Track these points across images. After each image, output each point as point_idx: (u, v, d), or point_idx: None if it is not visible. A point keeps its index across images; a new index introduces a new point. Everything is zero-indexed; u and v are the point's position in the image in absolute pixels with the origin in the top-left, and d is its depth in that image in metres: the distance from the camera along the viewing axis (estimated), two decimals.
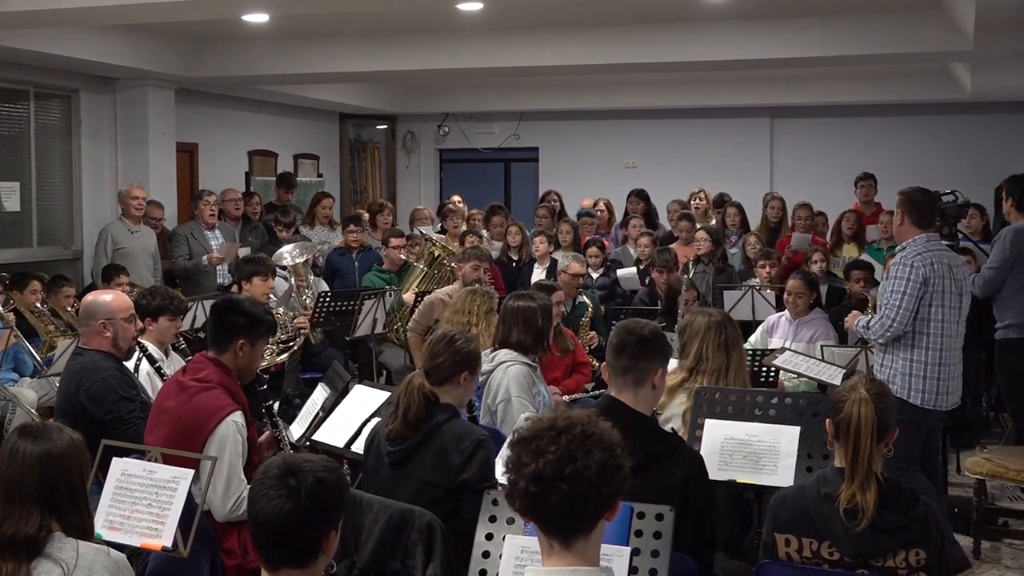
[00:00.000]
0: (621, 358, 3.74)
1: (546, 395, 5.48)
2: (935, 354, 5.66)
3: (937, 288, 5.64)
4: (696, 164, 14.28)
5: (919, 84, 12.85)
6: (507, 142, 15.68)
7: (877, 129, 14.03)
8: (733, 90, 13.64)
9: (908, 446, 5.70)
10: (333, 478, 2.58)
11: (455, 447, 4.01)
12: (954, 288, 5.70)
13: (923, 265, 5.63)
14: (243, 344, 4.47)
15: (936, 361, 5.67)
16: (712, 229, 9.85)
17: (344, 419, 5.05)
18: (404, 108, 15.26)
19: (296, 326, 7.50)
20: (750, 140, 14.47)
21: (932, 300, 5.64)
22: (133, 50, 9.92)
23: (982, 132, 13.63)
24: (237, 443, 4.27)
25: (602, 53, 9.97)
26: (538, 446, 2.40)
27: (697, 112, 14.47)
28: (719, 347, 5.01)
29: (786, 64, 10.58)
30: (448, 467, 4.00)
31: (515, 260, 10.05)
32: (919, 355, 5.67)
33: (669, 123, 14.74)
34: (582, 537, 2.39)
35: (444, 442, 4.04)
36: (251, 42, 10.55)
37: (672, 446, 3.69)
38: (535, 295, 5.72)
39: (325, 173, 14.83)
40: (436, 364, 4.18)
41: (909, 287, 5.61)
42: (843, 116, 14.12)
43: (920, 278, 5.61)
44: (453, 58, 10.34)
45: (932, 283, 5.62)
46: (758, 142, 14.50)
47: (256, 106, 13.17)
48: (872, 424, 3.37)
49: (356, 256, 10.04)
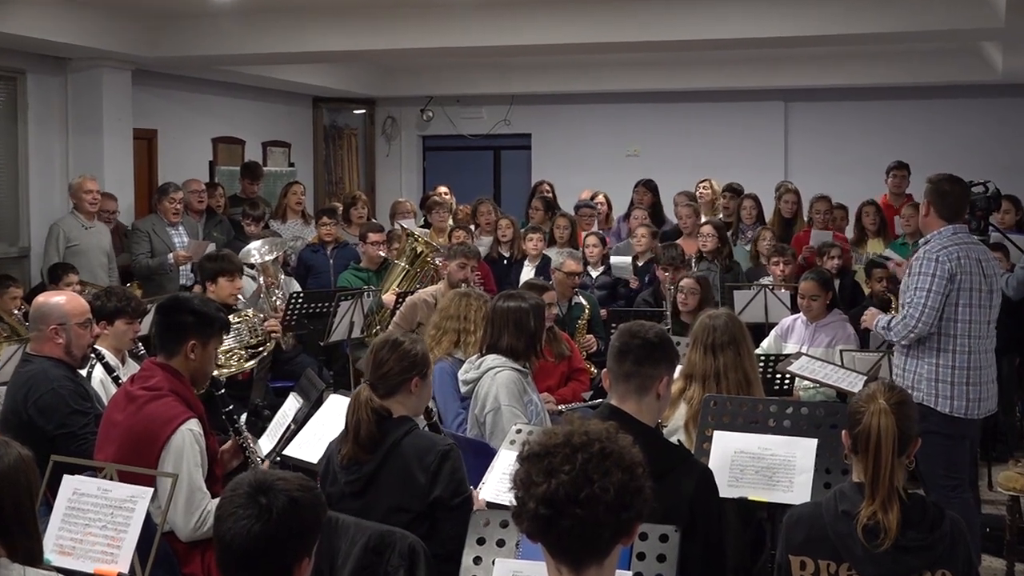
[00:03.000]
0: (623, 363, 3.73)
1: (539, 404, 5.49)
2: (963, 357, 5.67)
3: (965, 285, 5.64)
4: (704, 152, 14.30)
5: (947, 65, 12.88)
6: (497, 128, 15.68)
7: (901, 114, 14.07)
8: (744, 71, 13.66)
9: (952, 461, 5.69)
10: (308, 498, 2.58)
11: (418, 464, 3.99)
12: (983, 285, 5.70)
13: (949, 259, 5.62)
14: (194, 345, 4.45)
15: (965, 365, 5.67)
16: (719, 223, 9.82)
17: (318, 432, 5.03)
18: (384, 91, 15.24)
19: (267, 329, 7.49)
20: (763, 126, 14.50)
21: (959, 298, 5.64)
22: (86, 27, 9.90)
23: (1016, 117, 13.67)
24: (195, 453, 4.26)
25: (601, 31, 9.97)
26: (551, 464, 2.38)
27: (705, 95, 14.49)
28: (707, 350, 5.04)
29: (802, 43, 10.60)
30: (415, 488, 3.98)
31: (506, 257, 10.06)
32: (946, 359, 5.68)
33: (674, 107, 14.76)
34: (595, 564, 2.38)
35: (405, 461, 4.01)
36: (216, 19, 10.53)
37: (679, 460, 3.69)
38: (526, 295, 5.72)
39: (297, 162, 14.80)
40: (382, 374, 4.14)
41: (935, 283, 5.61)
42: (864, 100, 14.15)
43: (946, 273, 5.60)
44: (437, 36, 10.33)
45: (959, 279, 5.62)
46: (771, 128, 14.53)
47: (221, 89, 13.15)
48: (893, 436, 3.36)
49: (331, 253, 10.03)
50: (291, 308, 8.09)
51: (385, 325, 8.51)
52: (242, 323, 7.30)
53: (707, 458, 4.39)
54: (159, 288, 9.44)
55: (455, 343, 6.17)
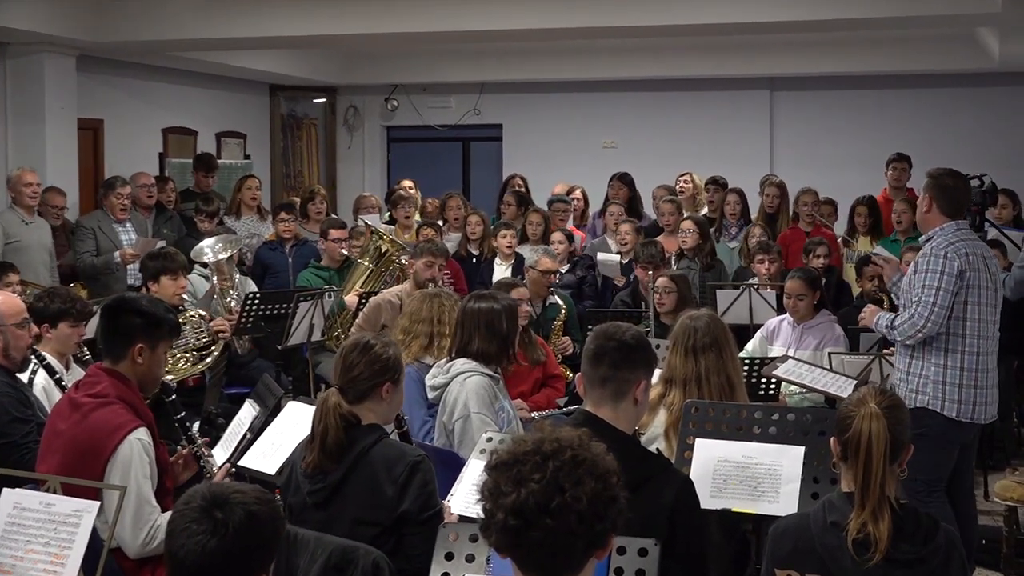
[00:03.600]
0: (599, 367, 3.74)
1: (511, 411, 5.49)
2: (972, 358, 5.71)
3: (973, 283, 5.68)
4: (684, 144, 14.33)
5: (941, 52, 12.95)
6: (466, 118, 15.67)
7: (892, 104, 14.15)
8: (727, 58, 13.69)
9: (936, 466, 5.73)
10: (266, 511, 2.58)
11: (387, 476, 3.99)
12: (990, 283, 5.75)
13: (958, 256, 5.66)
14: (142, 349, 4.43)
15: (973, 366, 5.71)
16: (699, 219, 9.83)
17: (276, 441, 5.02)
18: (345, 78, 15.21)
19: (214, 329, 7.46)
20: (747, 116, 14.54)
21: (968, 297, 5.68)
22: (25, 9, 9.84)
23: (1013, 107, 13.77)
24: (143, 463, 4.24)
25: (577, 15, 9.97)
26: (520, 473, 2.39)
27: (686, 84, 14.53)
28: (687, 353, 5.05)
29: (789, 28, 10.64)
30: (382, 500, 3.98)
31: (475, 255, 10.06)
32: (954, 360, 5.71)
33: (653, 96, 14.79)
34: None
35: (373, 471, 4.01)
36: (166, 1, 10.49)
37: (658, 469, 3.70)
38: (498, 295, 5.73)
39: (253, 154, 14.76)
40: (352, 378, 4.14)
41: (943, 281, 5.64)
42: (854, 88, 14.22)
43: (955, 270, 5.64)
44: (403, 20, 10.31)
45: (969, 276, 5.66)
46: (756, 118, 14.57)
47: (172, 76, 13.09)
48: (885, 442, 3.38)
49: (289, 251, 10.01)
50: (247, 309, 8.06)
51: (347, 328, 8.49)
52: (186, 324, 7.27)
53: (688, 467, 4.40)
54: (105, 288, 9.38)
55: (426, 347, 6.17)
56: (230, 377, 8.65)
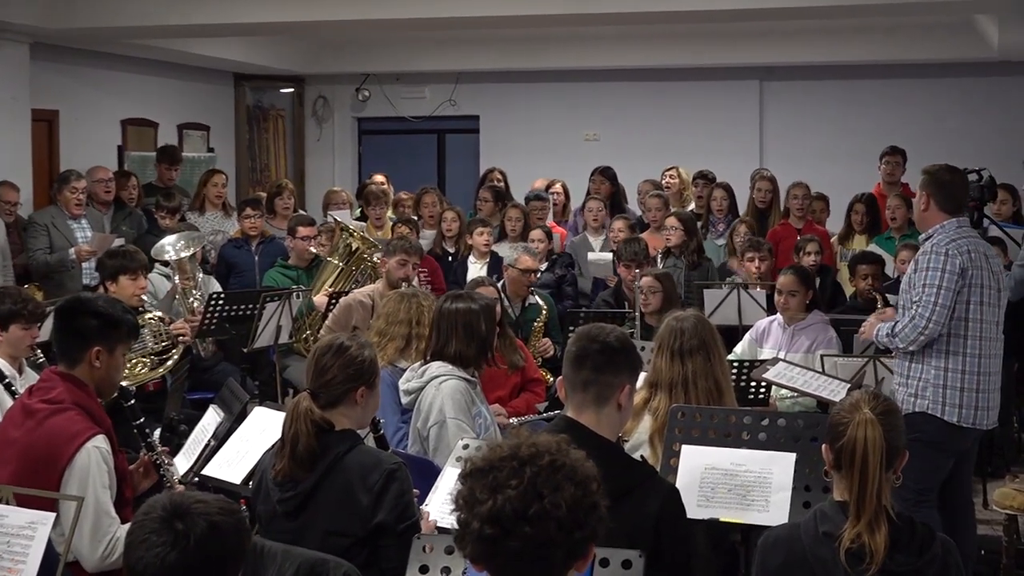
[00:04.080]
0: (581, 371, 3.74)
1: (488, 417, 5.49)
2: (974, 361, 5.73)
3: (976, 282, 5.70)
4: (670, 136, 14.35)
5: (937, 40, 13.00)
6: (441, 109, 15.66)
7: (887, 94, 14.19)
8: (715, 46, 13.71)
9: (928, 473, 5.75)
10: (230, 523, 2.57)
11: (361, 484, 3.98)
12: (992, 282, 5.77)
13: (959, 254, 5.68)
14: (99, 352, 4.41)
15: (975, 370, 5.73)
16: (685, 215, 9.81)
17: (241, 449, 5.02)
18: (314, 67, 15.19)
19: (173, 332, 7.44)
20: (736, 107, 14.57)
21: (971, 296, 5.70)
22: None
23: (1012, 98, 13.82)
24: (102, 473, 4.23)
25: (557, 2, 9.98)
26: (496, 479, 2.39)
27: (671, 73, 14.54)
28: (674, 356, 5.05)
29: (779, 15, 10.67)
30: (356, 510, 3.97)
31: (451, 253, 10.05)
32: (956, 363, 5.73)
33: (637, 87, 14.81)
34: None
35: (347, 479, 4.00)
36: None
37: (643, 477, 3.71)
38: (475, 295, 5.72)
39: (217, 147, 14.72)
40: (325, 382, 4.12)
41: (945, 280, 5.66)
42: (847, 78, 14.26)
43: (957, 269, 5.66)
44: (375, 7, 10.30)
45: (971, 275, 5.68)
46: (745, 109, 14.61)
47: (131, 65, 13.04)
48: (880, 449, 3.39)
49: (255, 249, 9.99)
50: (210, 310, 8.05)
51: (316, 330, 8.48)
52: (145, 327, 7.24)
53: (674, 475, 4.41)
54: (60, 288, 9.34)
55: (402, 350, 6.17)
56: (193, 381, 8.63)
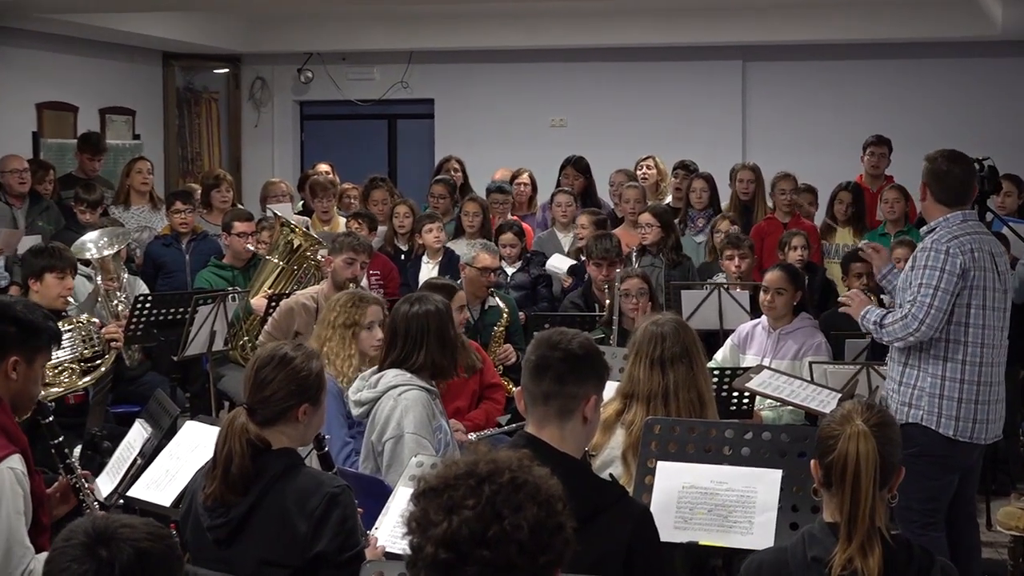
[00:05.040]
0: (542, 382, 3.73)
1: (448, 432, 5.49)
2: (973, 369, 5.75)
3: (978, 284, 5.73)
4: (644, 122, 14.36)
5: (936, 18, 13.06)
6: (392, 92, 15.63)
7: (881, 76, 14.24)
8: (694, 24, 13.75)
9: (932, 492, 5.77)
10: (159, 549, 2.57)
11: (299, 510, 3.96)
12: (998, 284, 5.80)
13: (961, 252, 5.70)
14: (16, 362, 4.38)
15: (974, 379, 5.76)
16: (660, 210, 9.77)
17: (171, 468, 4.99)
18: (251, 46, 15.15)
19: (105, 337, 7.41)
20: (716, 90, 14.59)
21: (971, 299, 5.72)
22: None
23: (1018, 80, 13.90)
24: (16, 497, 4.18)
25: None
26: (452, 499, 2.40)
27: (646, 53, 14.57)
28: (654, 365, 5.03)
29: None
30: (294, 539, 3.95)
31: (403, 251, 10.03)
32: (954, 371, 5.75)
33: (609, 68, 14.82)
34: None
35: (283, 505, 3.98)
36: None
37: (612, 498, 3.71)
38: (432, 297, 5.71)
39: (143, 134, 14.63)
40: (264, 397, 4.08)
41: (943, 280, 5.68)
42: (837, 59, 14.31)
43: (957, 269, 5.68)
44: None
45: (973, 276, 5.71)
46: (726, 93, 14.63)
47: (47, 42, 12.95)
48: (874, 465, 3.41)
49: (186, 247, 9.96)
50: (137, 314, 8.02)
51: (254, 336, 8.45)
52: (73, 331, 7.21)
53: (648, 495, 4.42)
54: None
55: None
56: (117, 394, 8.58)
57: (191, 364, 8.66)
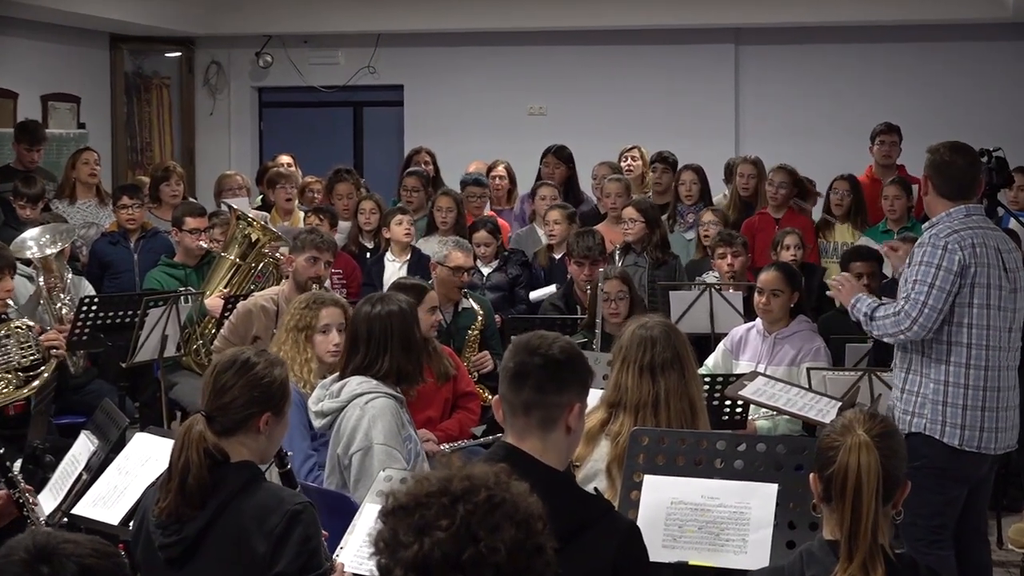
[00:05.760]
0: (521, 391, 3.71)
1: (417, 442, 5.49)
2: (978, 373, 5.76)
3: (980, 281, 5.73)
4: (630, 110, 14.40)
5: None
6: (358, 78, 15.63)
7: (884, 61, 14.29)
8: (684, 5, 13.80)
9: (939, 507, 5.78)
10: (105, 567, 2.56)
11: (258, 528, 3.94)
12: (1004, 282, 5.80)
13: (961, 248, 5.71)
14: None
15: (980, 384, 5.76)
16: (644, 204, 9.71)
17: (119, 483, 4.99)
18: (206, 28, 15.13)
19: (46, 344, 7.38)
20: (707, 75, 14.62)
21: (973, 298, 5.73)
22: None
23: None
24: None
25: None
26: (423, 519, 2.40)
27: (632, 36, 14.59)
28: (643, 372, 5.02)
29: None
30: (252, 559, 3.94)
31: (369, 248, 10.02)
32: (956, 375, 5.76)
33: (591, 51, 14.84)
34: None
35: (241, 522, 3.97)
36: None
37: (597, 514, 3.71)
38: (393, 297, 5.70)
39: (89, 122, 14.60)
40: (224, 404, 4.08)
41: (939, 277, 5.70)
42: (837, 42, 14.36)
43: (955, 266, 5.69)
44: None
45: (973, 274, 5.71)
46: (718, 79, 14.65)
47: None
48: (877, 478, 3.41)
49: (135, 244, 9.93)
50: (82, 318, 7.98)
51: (209, 340, 8.43)
52: (10, 337, 7.18)
53: (635, 511, 4.43)
54: None
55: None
56: (61, 403, 8.55)
57: (141, 371, 8.65)
